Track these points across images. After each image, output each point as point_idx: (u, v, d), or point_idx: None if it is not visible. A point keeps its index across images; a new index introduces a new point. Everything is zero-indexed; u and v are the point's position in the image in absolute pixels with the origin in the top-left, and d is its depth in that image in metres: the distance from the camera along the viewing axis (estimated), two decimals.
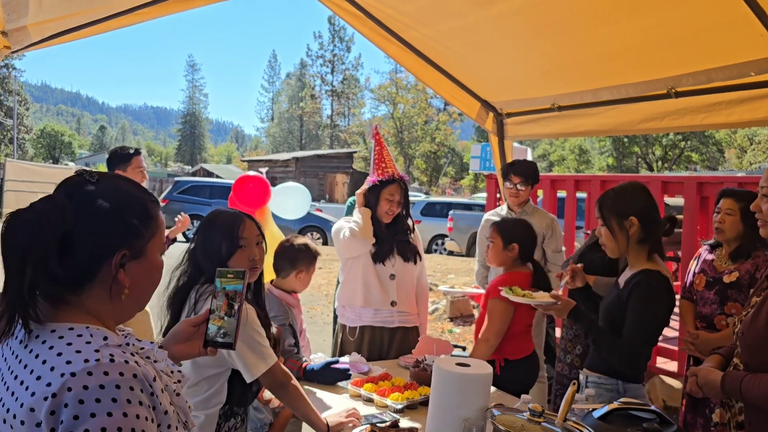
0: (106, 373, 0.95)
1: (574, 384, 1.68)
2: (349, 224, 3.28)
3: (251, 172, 4.55)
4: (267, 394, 2.45)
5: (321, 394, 2.60)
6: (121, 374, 0.97)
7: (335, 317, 4.81)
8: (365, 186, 3.37)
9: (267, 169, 5.21)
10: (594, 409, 1.81)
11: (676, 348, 4.18)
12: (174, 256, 2.25)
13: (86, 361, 0.96)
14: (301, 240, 2.99)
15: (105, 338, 1.02)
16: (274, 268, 2.93)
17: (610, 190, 2.46)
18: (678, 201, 5.31)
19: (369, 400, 2.51)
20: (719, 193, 3.06)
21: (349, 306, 3.33)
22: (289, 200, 4.60)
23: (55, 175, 21.63)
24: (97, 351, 0.98)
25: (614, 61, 3.60)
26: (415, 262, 3.38)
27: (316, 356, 2.93)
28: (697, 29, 2.99)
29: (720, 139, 34.81)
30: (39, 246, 1.00)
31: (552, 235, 3.91)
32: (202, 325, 1.44)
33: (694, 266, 3.20)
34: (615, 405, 1.81)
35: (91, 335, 1.02)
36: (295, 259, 2.88)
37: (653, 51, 3.35)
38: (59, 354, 0.98)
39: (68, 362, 0.96)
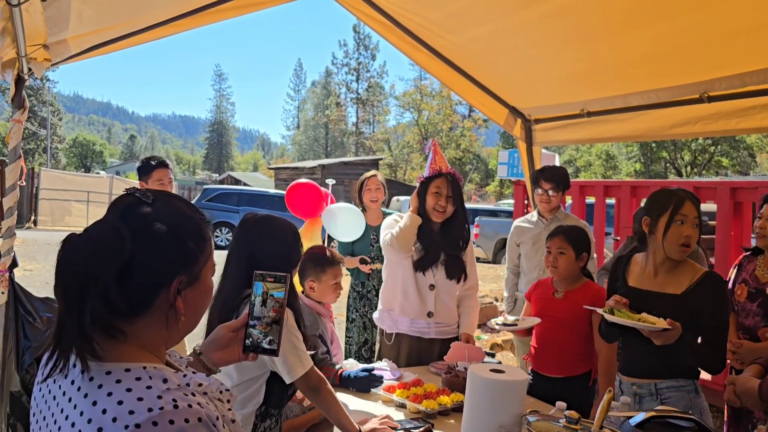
0: (171, 422, 0.90)
1: (609, 391, 1.67)
2: (393, 229, 3.18)
3: (303, 180, 4.59)
4: (299, 393, 2.48)
5: (354, 400, 2.62)
6: (187, 420, 0.91)
7: (349, 318, 4.82)
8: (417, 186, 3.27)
9: (334, 182, 5.22)
10: (630, 417, 1.80)
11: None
12: None
13: (150, 410, 0.89)
14: (319, 250, 2.92)
15: (165, 380, 0.96)
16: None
17: (658, 191, 2.50)
18: (710, 207, 5.22)
19: (401, 406, 2.52)
20: (763, 198, 3.00)
21: (387, 310, 3.30)
22: (345, 223, 4.56)
23: (87, 184, 22.11)
24: (159, 397, 0.92)
25: (645, 65, 3.57)
26: (459, 281, 3.23)
27: (348, 363, 2.95)
28: (730, 32, 2.96)
29: (751, 143, 34.11)
30: (100, 275, 0.94)
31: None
32: (240, 330, 1.40)
33: (733, 275, 3.12)
34: (652, 412, 1.79)
35: (150, 377, 0.95)
36: (303, 270, 2.85)
37: (685, 55, 3.32)
38: (120, 402, 0.91)
39: (131, 412, 0.89)
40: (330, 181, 5.09)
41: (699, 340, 2.38)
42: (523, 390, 1.95)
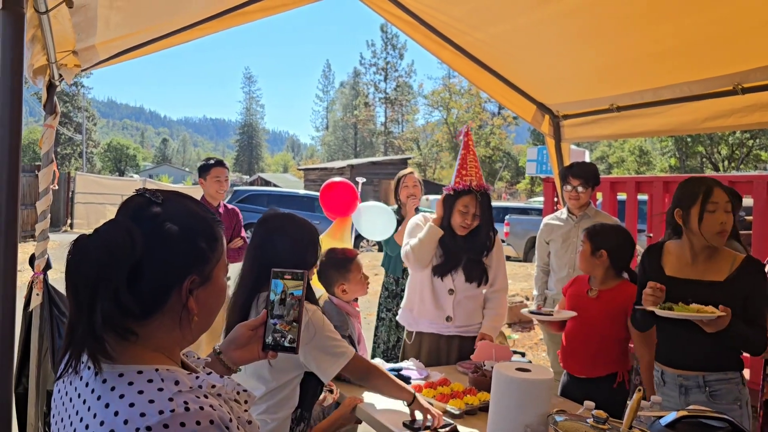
0: (182, 425, 0.89)
1: (639, 390, 1.63)
2: (412, 241, 3.13)
3: (337, 179, 4.62)
4: None
5: (381, 399, 2.61)
6: (198, 423, 0.90)
7: (378, 317, 4.81)
8: (443, 194, 3.20)
9: (364, 180, 5.25)
10: (661, 417, 1.76)
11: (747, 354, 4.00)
12: None
13: (161, 412, 0.89)
14: (334, 253, 2.88)
15: (177, 382, 0.95)
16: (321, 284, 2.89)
17: (685, 181, 2.50)
18: (747, 201, 5.08)
19: None
20: None
21: (408, 309, 3.30)
22: (376, 222, 4.57)
23: (121, 187, 22.54)
24: (171, 400, 0.91)
25: (675, 58, 3.49)
26: (479, 284, 3.16)
27: (375, 362, 2.94)
28: (763, 22, 2.87)
29: None
30: (111, 276, 0.94)
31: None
32: (259, 328, 1.40)
33: None
34: (683, 412, 1.75)
35: (162, 380, 0.95)
36: (328, 277, 2.83)
37: (717, 46, 3.24)
38: (131, 405, 0.91)
39: (142, 414, 0.89)
40: (360, 179, 5.10)
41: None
42: (549, 389, 1.91)
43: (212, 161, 4.43)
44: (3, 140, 1.56)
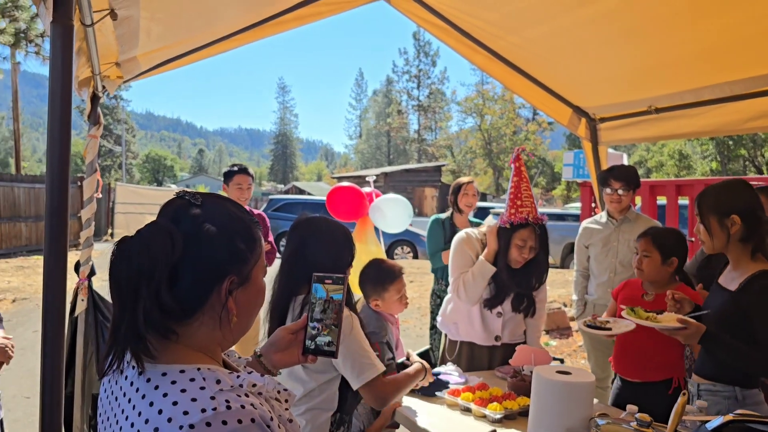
0: (224, 423, 0.90)
1: (684, 394, 1.60)
2: (464, 277, 3.03)
3: (345, 183, 4.64)
4: None
5: (419, 404, 2.61)
6: (240, 421, 0.92)
7: (432, 326, 4.81)
8: (497, 222, 3.06)
9: (375, 178, 5.29)
10: (706, 421, 1.72)
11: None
12: None
13: (203, 410, 0.91)
14: (375, 268, 2.82)
15: (218, 381, 0.97)
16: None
17: (711, 186, 2.38)
18: None
19: (467, 410, 2.49)
20: None
21: (452, 323, 3.24)
22: (390, 213, 4.60)
23: (159, 197, 23.00)
24: (212, 398, 0.93)
25: (716, 57, 3.41)
26: (526, 316, 3.14)
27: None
28: None
29: None
30: (152, 276, 0.96)
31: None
32: (300, 332, 1.41)
33: None
34: (730, 417, 1.70)
35: (204, 378, 0.96)
36: (363, 290, 2.81)
37: (759, 44, 3.15)
38: (174, 403, 0.92)
39: (185, 412, 0.91)
40: (371, 178, 5.12)
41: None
42: (591, 392, 1.89)
43: (236, 168, 4.44)
44: (53, 150, 1.62)
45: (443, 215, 4.80)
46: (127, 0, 2.28)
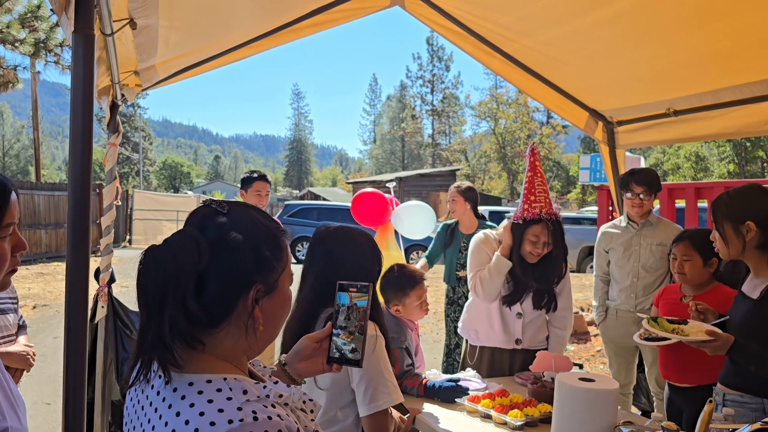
0: None
1: (710, 402, 1.57)
2: (481, 273, 3.01)
3: (369, 189, 4.65)
4: None
5: (439, 410, 2.60)
6: None
7: (447, 331, 4.81)
8: (511, 219, 3.04)
9: (394, 184, 5.29)
10: (734, 429, 1.69)
11: None
12: None
13: (230, 421, 0.90)
14: (397, 273, 2.79)
15: (245, 391, 0.96)
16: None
17: (726, 192, 2.34)
18: None
19: (487, 417, 2.47)
20: None
21: (472, 329, 3.22)
22: (413, 219, 4.59)
23: (176, 204, 23.22)
24: (239, 409, 0.92)
25: (735, 58, 3.37)
26: (548, 311, 3.11)
27: (431, 373, 2.93)
28: None
29: None
30: (178, 284, 0.96)
31: None
32: (324, 340, 1.40)
33: None
34: (758, 425, 1.67)
35: (231, 389, 0.96)
36: (384, 295, 2.78)
37: None
38: (201, 414, 0.92)
39: (212, 423, 0.90)
40: (390, 185, 5.12)
41: None
42: (615, 399, 1.86)
43: (255, 175, 4.48)
44: (75, 157, 1.63)
45: (452, 221, 4.83)
46: (146, 9, 2.30)
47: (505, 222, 3.14)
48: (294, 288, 2.11)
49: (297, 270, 1.15)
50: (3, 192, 1.21)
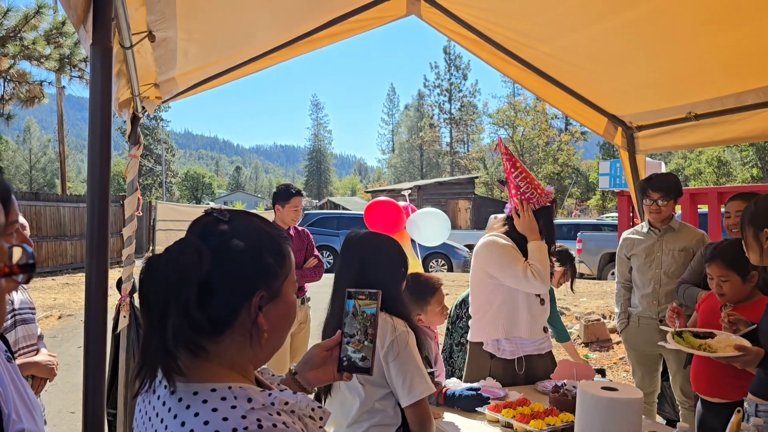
0: None
1: (738, 411, 1.54)
2: (533, 266, 2.96)
3: (382, 197, 4.66)
4: None
5: (459, 419, 2.57)
6: None
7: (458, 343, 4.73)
8: (528, 207, 3.06)
9: (410, 192, 5.30)
10: None
11: None
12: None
13: (234, 430, 0.91)
14: (417, 282, 2.80)
15: (249, 399, 0.96)
16: None
17: (758, 197, 2.31)
18: None
19: (508, 426, 2.44)
20: None
21: (508, 338, 3.08)
22: (428, 227, 4.58)
23: (198, 214, 23.10)
24: (244, 417, 0.92)
25: (758, 60, 3.32)
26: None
27: (451, 381, 2.91)
28: None
29: None
30: (180, 292, 0.96)
31: (699, 252, 3.62)
32: (335, 349, 1.39)
33: None
34: None
35: (235, 397, 0.96)
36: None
37: None
38: (206, 423, 0.92)
39: None
40: (406, 192, 5.12)
41: None
42: (639, 409, 1.82)
43: (293, 190, 4.61)
44: (94, 170, 1.65)
45: None
46: (164, 22, 2.33)
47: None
48: (328, 293, 2.18)
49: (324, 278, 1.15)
50: (3, 189, 1.21)
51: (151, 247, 21.36)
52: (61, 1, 1.44)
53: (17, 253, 0.69)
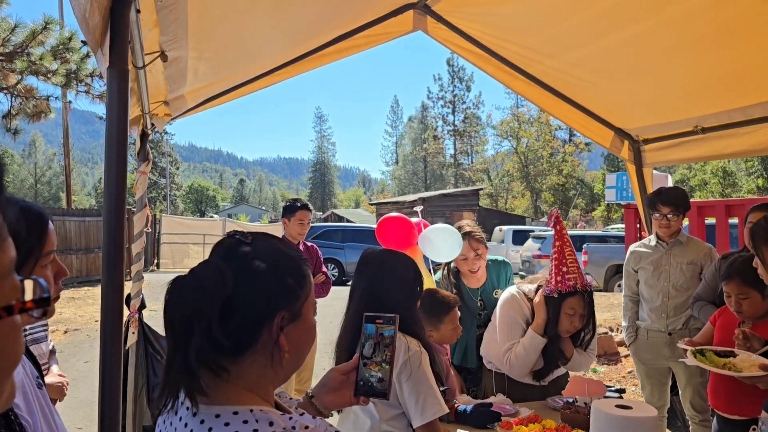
0: None
1: (754, 429, 1.53)
2: (516, 348, 2.89)
3: (394, 213, 4.66)
4: None
5: None
6: None
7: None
8: (542, 292, 2.90)
9: (422, 207, 5.30)
10: None
11: None
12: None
13: None
14: (432, 299, 2.77)
15: (271, 423, 0.97)
16: None
17: (764, 217, 2.27)
18: None
19: None
20: None
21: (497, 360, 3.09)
22: (441, 243, 4.57)
23: (202, 227, 23.45)
24: None
25: (765, 75, 3.33)
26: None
27: (462, 398, 2.89)
28: None
29: None
30: (203, 312, 0.97)
31: (712, 265, 3.61)
32: (351, 372, 1.39)
33: None
34: None
35: (257, 420, 0.97)
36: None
37: None
38: None
39: None
40: (418, 208, 5.12)
41: None
42: (654, 427, 1.82)
43: (299, 204, 4.62)
44: (110, 187, 1.67)
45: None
46: (176, 41, 2.36)
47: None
48: (342, 307, 2.19)
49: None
50: (41, 221, 1.25)
51: (155, 260, 21.40)
52: (81, 26, 1.46)
53: (29, 287, 0.71)
